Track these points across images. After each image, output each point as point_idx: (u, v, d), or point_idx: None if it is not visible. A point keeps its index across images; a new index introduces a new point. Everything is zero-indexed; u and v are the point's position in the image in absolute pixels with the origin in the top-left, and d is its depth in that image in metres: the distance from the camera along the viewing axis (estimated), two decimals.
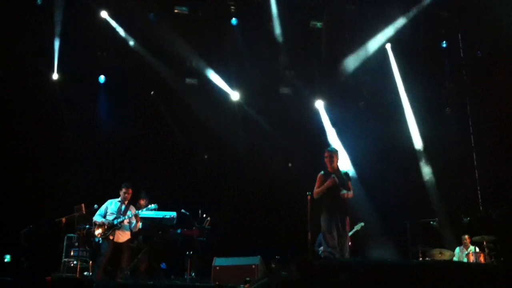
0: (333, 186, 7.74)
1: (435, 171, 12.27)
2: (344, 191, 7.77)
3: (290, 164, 13.25)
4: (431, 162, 12.37)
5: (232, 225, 11.87)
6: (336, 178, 7.77)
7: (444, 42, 12.93)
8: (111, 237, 8.68)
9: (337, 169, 8.02)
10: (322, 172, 8.01)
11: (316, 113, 13.25)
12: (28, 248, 10.30)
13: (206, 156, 12.87)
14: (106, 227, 8.70)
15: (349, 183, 8.01)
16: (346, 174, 8.18)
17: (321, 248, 10.42)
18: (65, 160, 11.83)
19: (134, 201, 9.65)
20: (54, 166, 11.56)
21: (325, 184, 7.80)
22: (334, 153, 8.11)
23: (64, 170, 11.61)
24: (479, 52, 12.64)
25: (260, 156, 12.43)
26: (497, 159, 11.56)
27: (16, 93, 11.49)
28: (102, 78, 12.49)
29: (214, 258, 8.89)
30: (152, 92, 12.71)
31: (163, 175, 11.92)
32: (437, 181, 12.11)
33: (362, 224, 10.55)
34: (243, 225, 11.99)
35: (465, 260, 10.34)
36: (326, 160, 8.05)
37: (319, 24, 12.63)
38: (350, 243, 8.10)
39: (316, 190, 7.91)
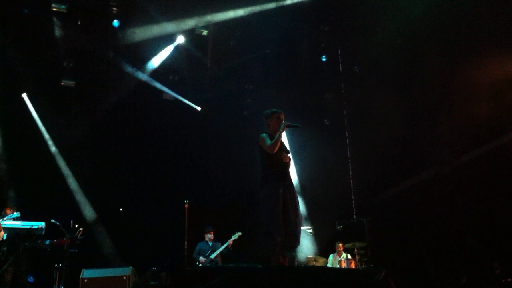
0: (282, 146, 6.55)
1: (312, 180, 12.59)
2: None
3: None
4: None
5: (107, 235, 11.44)
6: (289, 124, 6.53)
7: (324, 56, 13.40)
8: None
9: None
10: (263, 134, 6.63)
11: (202, 120, 13.15)
12: None
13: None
14: None
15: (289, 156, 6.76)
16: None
17: (201, 257, 10.41)
18: None
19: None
20: None
21: (279, 132, 6.44)
22: (283, 114, 6.78)
23: None
24: (356, 67, 13.26)
25: (133, 163, 12.05)
26: (370, 169, 12.18)
27: None
28: None
29: (82, 269, 8.45)
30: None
31: (31, 182, 11.15)
32: (313, 190, 12.44)
33: (240, 233, 10.61)
34: (119, 236, 11.54)
35: (337, 266, 10.76)
36: (274, 122, 6.68)
37: (205, 32, 12.56)
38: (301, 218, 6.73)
39: (269, 144, 6.43)
